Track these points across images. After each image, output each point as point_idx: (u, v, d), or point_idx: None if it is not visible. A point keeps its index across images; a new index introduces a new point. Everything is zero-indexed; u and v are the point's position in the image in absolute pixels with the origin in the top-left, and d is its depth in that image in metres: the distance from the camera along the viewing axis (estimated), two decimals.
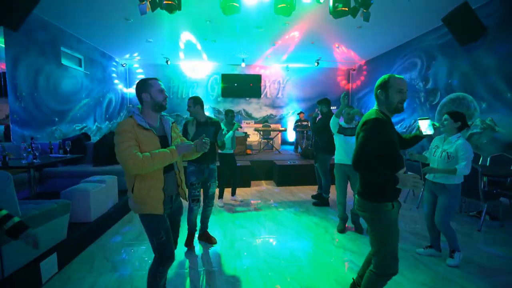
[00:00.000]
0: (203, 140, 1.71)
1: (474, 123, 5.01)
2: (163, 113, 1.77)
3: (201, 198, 2.88)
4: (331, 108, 4.24)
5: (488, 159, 4.33)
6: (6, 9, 3.63)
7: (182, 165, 1.84)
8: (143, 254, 2.68)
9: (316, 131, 4.30)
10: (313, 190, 5.00)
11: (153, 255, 1.67)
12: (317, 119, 4.45)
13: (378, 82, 1.60)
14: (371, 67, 8.75)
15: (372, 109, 1.59)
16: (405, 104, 1.57)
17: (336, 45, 7.36)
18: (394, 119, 6.93)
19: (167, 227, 1.68)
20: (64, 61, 5.95)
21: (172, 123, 1.82)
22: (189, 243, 2.84)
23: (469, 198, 3.48)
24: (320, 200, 4.37)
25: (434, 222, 2.56)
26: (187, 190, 1.96)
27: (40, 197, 3.36)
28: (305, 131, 7.50)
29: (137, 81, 1.71)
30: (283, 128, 8.63)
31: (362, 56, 8.57)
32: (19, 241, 1.72)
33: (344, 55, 8.36)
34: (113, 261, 2.54)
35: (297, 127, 7.91)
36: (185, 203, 2.55)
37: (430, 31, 6.02)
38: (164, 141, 1.71)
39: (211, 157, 2.81)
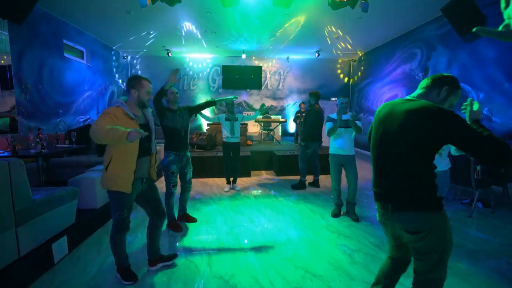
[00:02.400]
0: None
1: None
2: None
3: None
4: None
5: None
6: (11, 3, 3.70)
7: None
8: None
9: (305, 122, 4.62)
10: (311, 179, 5.12)
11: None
12: (304, 111, 4.90)
13: (449, 77, 1.35)
14: (372, 57, 8.72)
15: (424, 101, 1.27)
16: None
17: (336, 36, 7.34)
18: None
19: (130, 205, 1.96)
20: (66, 54, 6.03)
21: (151, 111, 2.11)
22: (175, 226, 3.03)
23: (461, 186, 3.61)
24: (298, 184, 4.76)
25: None
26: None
27: (48, 186, 3.51)
28: None
29: (132, 75, 1.94)
30: (283, 119, 8.70)
31: (362, 47, 8.53)
32: (32, 222, 1.90)
33: (344, 46, 8.33)
34: None
35: (297, 118, 7.98)
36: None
37: (431, 21, 5.99)
38: (146, 128, 1.95)
39: (186, 145, 3.05)
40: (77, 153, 4.65)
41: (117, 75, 8.65)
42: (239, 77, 9.76)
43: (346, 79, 10.26)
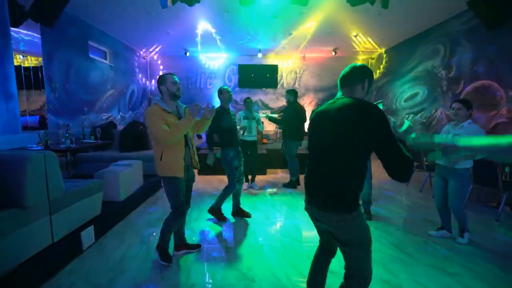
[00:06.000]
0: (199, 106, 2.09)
1: (499, 113, 4.81)
2: (178, 101, 2.26)
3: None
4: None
5: None
6: (42, 7, 3.95)
7: (193, 141, 2.35)
8: None
9: (284, 121, 4.77)
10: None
11: None
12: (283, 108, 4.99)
13: (368, 70, 1.37)
14: (391, 55, 8.48)
15: (352, 98, 1.29)
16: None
17: (354, 34, 7.20)
18: (414, 109, 6.66)
19: (184, 190, 2.20)
20: (91, 54, 6.32)
21: (185, 108, 2.29)
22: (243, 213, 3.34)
23: (488, 187, 3.46)
24: (289, 183, 4.76)
25: (445, 205, 2.69)
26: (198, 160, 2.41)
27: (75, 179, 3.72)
28: None
29: (158, 76, 2.20)
30: None
31: (382, 44, 8.32)
32: (64, 211, 2.04)
33: (363, 43, 8.16)
34: (142, 235, 2.82)
35: None
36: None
37: (455, 15, 5.75)
38: None
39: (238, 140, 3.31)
40: (101, 148, 4.87)
41: (137, 75, 8.95)
42: (255, 76, 9.80)
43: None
